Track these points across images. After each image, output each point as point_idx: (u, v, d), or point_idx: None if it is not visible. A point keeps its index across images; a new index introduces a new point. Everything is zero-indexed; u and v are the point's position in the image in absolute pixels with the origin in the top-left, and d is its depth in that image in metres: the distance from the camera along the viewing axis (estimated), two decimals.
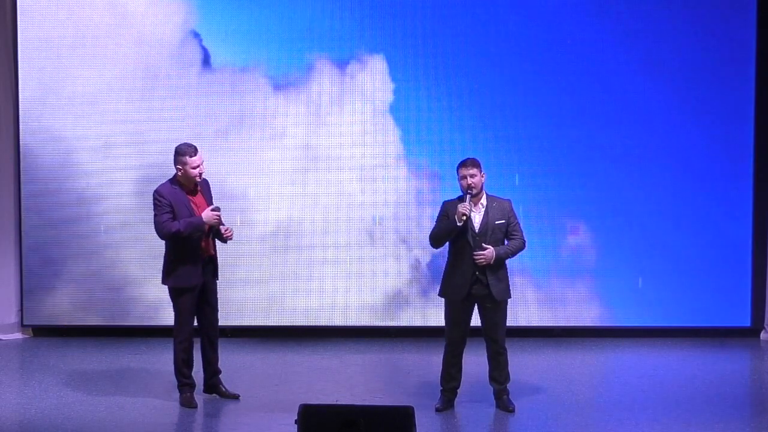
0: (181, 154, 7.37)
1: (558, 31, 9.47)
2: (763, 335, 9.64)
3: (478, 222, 7.25)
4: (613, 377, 8.45)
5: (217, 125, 9.52)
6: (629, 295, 9.55)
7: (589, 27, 9.48)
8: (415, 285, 9.56)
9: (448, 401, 7.46)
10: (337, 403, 7.30)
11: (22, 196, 9.59)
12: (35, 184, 9.57)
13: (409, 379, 8.32)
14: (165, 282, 7.50)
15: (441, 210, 7.38)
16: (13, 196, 9.63)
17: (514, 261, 7.61)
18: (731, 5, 9.48)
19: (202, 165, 7.39)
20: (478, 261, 7.16)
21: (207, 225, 7.36)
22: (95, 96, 9.52)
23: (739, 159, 9.54)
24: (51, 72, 9.52)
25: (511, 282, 7.44)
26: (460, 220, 7.13)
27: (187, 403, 7.52)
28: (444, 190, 9.19)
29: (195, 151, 7.37)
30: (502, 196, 7.43)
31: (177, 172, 7.42)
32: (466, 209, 7.13)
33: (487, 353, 7.44)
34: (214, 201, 7.65)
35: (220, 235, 7.51)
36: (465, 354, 7.45)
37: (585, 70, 9.48)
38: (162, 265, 7.54)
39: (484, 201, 7.30)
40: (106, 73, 9.52)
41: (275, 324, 9.60)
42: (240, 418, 7.32)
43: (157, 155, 9.13)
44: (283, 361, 8.95)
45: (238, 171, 9.50)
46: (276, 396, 7.82)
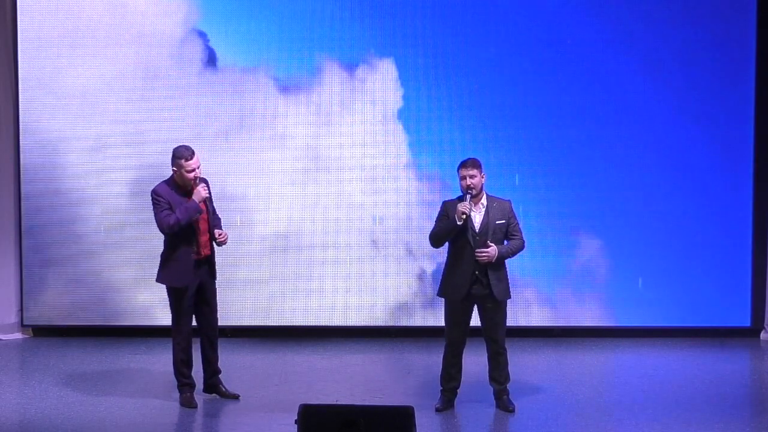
0: (177, 157, 7.39)
1: (558, 31, 9.47)
2: (763, 335, 9.64)
3: (478, 222, 7.26)
4: (613, 377, 8.45)
5: (218, 125, 9.51)
6: (629, 295, 9.54)
7: (589, 27, 9.48)
8: (416, 285, 9.55)
9: (448, 401, 7.47)
10: (337, 403, 7.30)
11: (22, 196, 9.59)
12: (35, 184, 9.57)
13: (409, 379, 8.32)
14: (157, 279, 7.55)
15: (441, 210, 7.39)
16: (13, 196, 9.63)
17: (514, 261, 7.61)
18: (731, 5, 9.48)
19: (198, 169, 7.41)
20: (480, 258, 7.16)
21: (201, 203, 7.38)
22: (95, 96, 9.52)
23: (739, 159, 9.54)
24: (51, 72, 9.52)
25: (511, 282, 7.45)
26: (460, 219, 7.14)
27: (187, 403, 7.53)
28: (444, 191, 9.19)
29: (192, 155, 7.38)
30: (502, 196, 7.44)
31: (173, 173, 7.45)
32: (465, 208, 7.14)
33: (487, 353, 7.44)
34: (215, 201, 7.67)
35: (214, 238, 7.52)
36: (465, 354, 7.45)
37: (585, 70, 9.48)
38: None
39: (484, 201, 7.31)
40: (106, 73, 9.51)
41: (275, 324, 9.60)
42: (240, 418, 7.32)
43: (157, 155, 9.12)
44: (283, 361, 8.95)
45: (239, 171, 9.50)
46: (276, 396, 7.82)
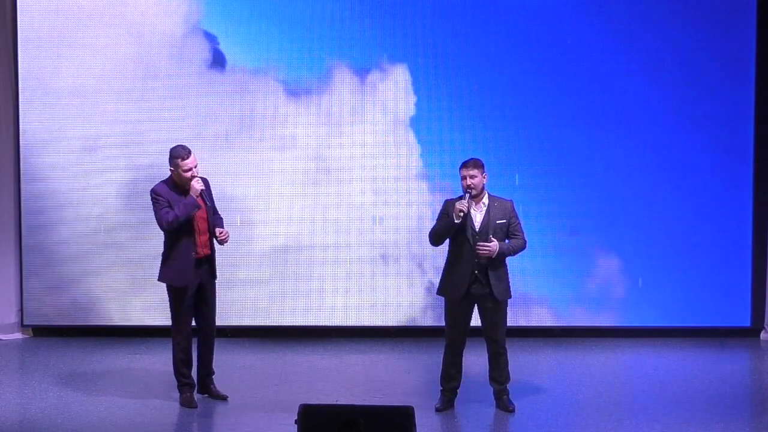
0: (174, 157, 7.42)
1: (558, 31, 9.47)
2: (763, 335, 9.64)
3: (478, 221, 7.26)
4: (613, 377, 8.45)
5: (221, 126, 9.50)
6: (629, 295, 9.54)
7: (589, 27, 9.48)
8: (416, 285, 9.55)
9: (448, 401, 7.47)
10: (337, 403, 7.31)
11: (22, 196, 9.58)
12: (35, 184, 9.57)
13: (409, 379, 8.32)
14: (159, 278, 7.55)
15: (442, 208, 7.40)
16: (13, 196, 9.63)
17: (514, 261, 7.61)
18: (731, 5, 9.48)
19: (195, 168, 7.42)
20: (481, 252, 7.15)
21: (198, 198, 7.39)
22: (95, 96, 9.51)
23: (738, 158, 9.54)
24: (51, 71, 9.51)
25: (511, 282, 7.44)
26: (458, 217, 7.14)
27: (187, 403, 7.53)
28: (444, 192, 9.21)
29: (188, 154, 7.41)
30: (503, 196, 7.44)
31: (171, 173, 7.47)
32: (463, 206, 7.14)
33: (488, 353, 7.44)
34: (216, 200, 7.67)
35: (215, 237, 7.53)
36: (465, 354, 7.45)
37: (586, 70, 9.48)
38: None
39: (485, 200, 7.31)
40: (106, 73, 9.51)
41: (275, 324, 9.60)
42: (240, 418, 7.32)
43: (157, 155, 9.11)
44: (283, 361, 8.95)
45: (239, 172, 9.49)
46: (276, 396, 7.82)
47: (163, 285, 7.58)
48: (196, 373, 7.71)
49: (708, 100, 9.49)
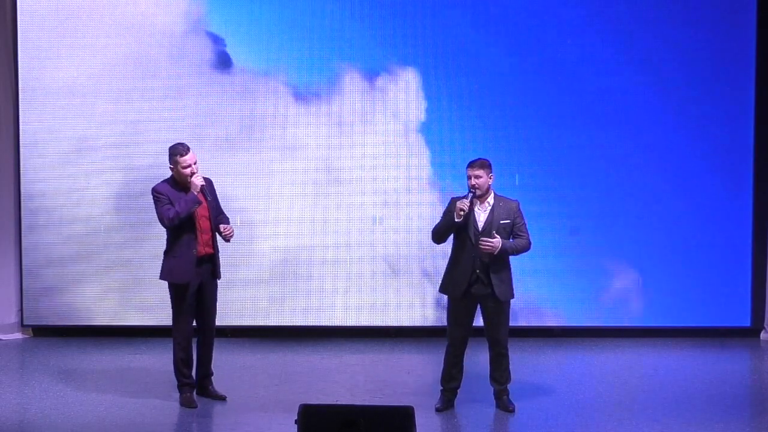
0: (173, 154, 7.44)
1: (558, 31, 9.46)
2: (763, 335, 9.64)
3: (482, 220, 7.26)
4: (613, 377, 8.45)
5: (224, 128, 9.49)
6: (629, 295, 9.54)
7: (589, 27, 9.48)
8: (416, 285, 9.55)
9: (448, 401, 7.46)
10: (337, 403, 7.31)
11: (22, 196, 9.58)
12: (35, 184, 9.57)
13: (409, 379, 8.32)
14: (160, 276, 7.55)
15: (447, 205, 7.39)
16: (13, 196, 9.63)
17: (515, 261, 7.59)
18: (731, 5, 9.48)
19: (194, 165, 7.43)
20: (484, 247, 7.14)
21: (199, 194, 7.39)
22: (95, 96, 9.50)
23: (739, 158, 9.54)
24: (51, 72, 9.51)
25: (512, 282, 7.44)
26: (458, 216, 7.14)
27: (187, 403, 7.52)
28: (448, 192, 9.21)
29: (187, 150, 7.43)
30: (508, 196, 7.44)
31: (171, 171, 7.48)
32: (464, 205, 7.14)
33: (489, 353, 7.44)
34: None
35: (220, 233, 7.54)
36: (465, 354, 7.45)
37: (586, 70, 9.47)
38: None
39: (490, 200, 7.31)
40: (106, 73, 9.51)
41: (275, 324, 9.60)
42: (240, 418, 7.32)
43: (157, 155, 9.09)
44: (283, 361, 8.95)
45: (240, 172, 9.49)
46: (276, 396, 7.82)
47: (163, 285, 7.58)
48: (195, 373, 7.72)
49: (708, 100, 9.49)
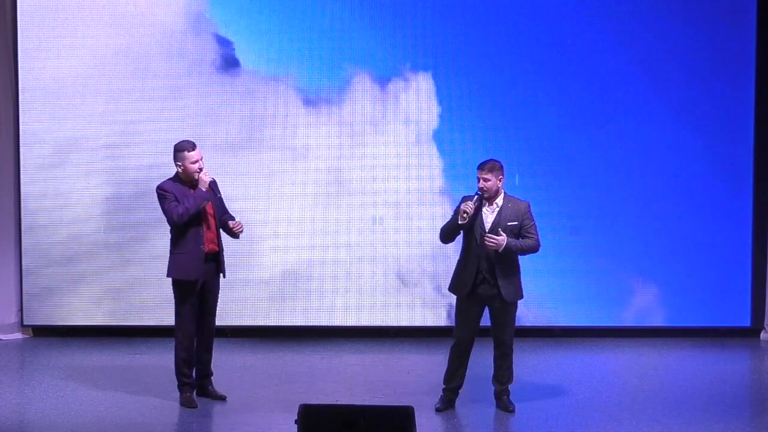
0: (179, 150, 7.42)
1: (557, 31, 9.47)
2: (763, 335, 9.64)
3: (489, 221, 7.26)
4: (613, 377, 8.45)
5: (224, 127, 9.49)
6: (629, 295, 9.54)
7: (589, 27, 9.48)
8: (416, 285, 9.55)
9: (448, 401, 7.45)
10: (337, 403, 7.31)
11: (22, 196, 9.58)
12: (35, 184, 9.57)
13: (409, 379, 8.32)
14: (167, 274, 7.51)
15: (458, 204, 7.38)
16: (13, 196, 9.63)
17: None
18: (731, 5, 9.48)
19: (201, 160, 7.42)
20: (488, 243, 7.13)
21: (207, 189, 7.39)
22: (95, 96, 9.51)
23: (739, 159, 9.54)
24: (51, 72, 9.51)
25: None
26: (462, 218, 7.15)
27: (187, 402, 7.52)
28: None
29: (193, 147, 7.42)
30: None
31: (177, 169, 7.45)
32: (469, 208, 7.15)
33: (494, 353, 7.42)
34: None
35: (229, 229, 7.53)
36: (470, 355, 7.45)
37: (586, 70, 9.47)
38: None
39: (499, 201, 7.30)
40: (106, 73, 9.51)
41: (275, 324, 9.60)
42: (240, 418, 7.32)
43: (158, 155, 9.12)
44: (283, 361, 8.95)
45: (240, 172, 9.49)
46: (276, 396, 7.82)
47: (163, 285, 7.57)
48: (194, 374, 7.71)
49: (708, 100, 9.50)
